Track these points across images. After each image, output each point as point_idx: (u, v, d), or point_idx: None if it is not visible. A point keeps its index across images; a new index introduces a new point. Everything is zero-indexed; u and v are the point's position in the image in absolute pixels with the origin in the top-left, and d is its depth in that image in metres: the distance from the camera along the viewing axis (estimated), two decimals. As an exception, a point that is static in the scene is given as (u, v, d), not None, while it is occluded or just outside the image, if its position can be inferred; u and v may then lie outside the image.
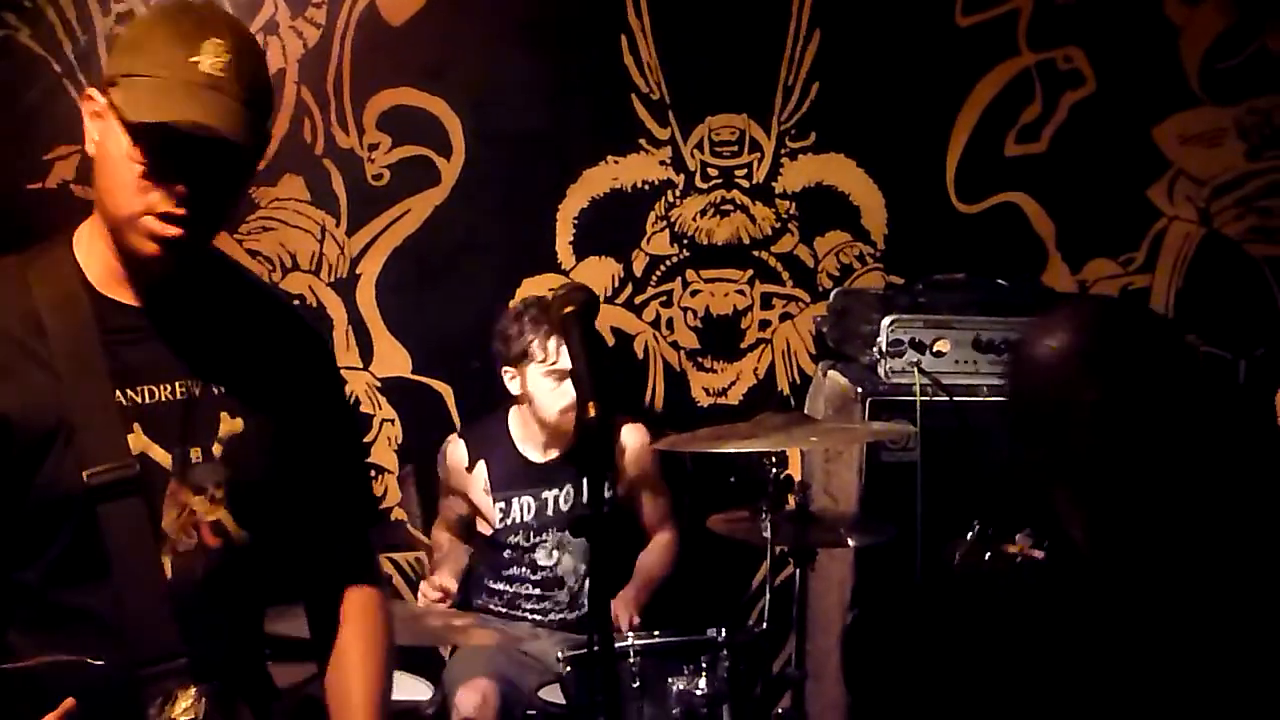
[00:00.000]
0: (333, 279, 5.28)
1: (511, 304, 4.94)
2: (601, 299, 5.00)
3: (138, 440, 2.46)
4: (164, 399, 2.48)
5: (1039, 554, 3.91)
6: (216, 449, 2.52)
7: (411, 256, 5.30)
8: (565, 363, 4.58)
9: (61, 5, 5.01)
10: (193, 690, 2.44)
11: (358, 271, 5.29)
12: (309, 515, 2.71)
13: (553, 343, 4.66)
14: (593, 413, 2.25)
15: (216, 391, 2.53)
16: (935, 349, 4.82)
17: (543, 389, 4.72)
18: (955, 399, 4.70)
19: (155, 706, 2.43)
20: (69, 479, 2.40)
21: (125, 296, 2.49)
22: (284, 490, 2.64)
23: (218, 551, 2.52)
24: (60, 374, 2.42)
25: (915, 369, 4.75)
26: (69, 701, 2.33)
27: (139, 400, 2.46)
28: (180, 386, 2.50)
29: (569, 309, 2.42)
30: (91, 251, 2.50)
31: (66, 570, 2.44)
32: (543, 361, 4.70)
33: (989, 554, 3.89)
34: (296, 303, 5.22)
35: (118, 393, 2.45)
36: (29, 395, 2.41)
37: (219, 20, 2.42)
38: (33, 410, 2.40)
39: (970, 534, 4.00)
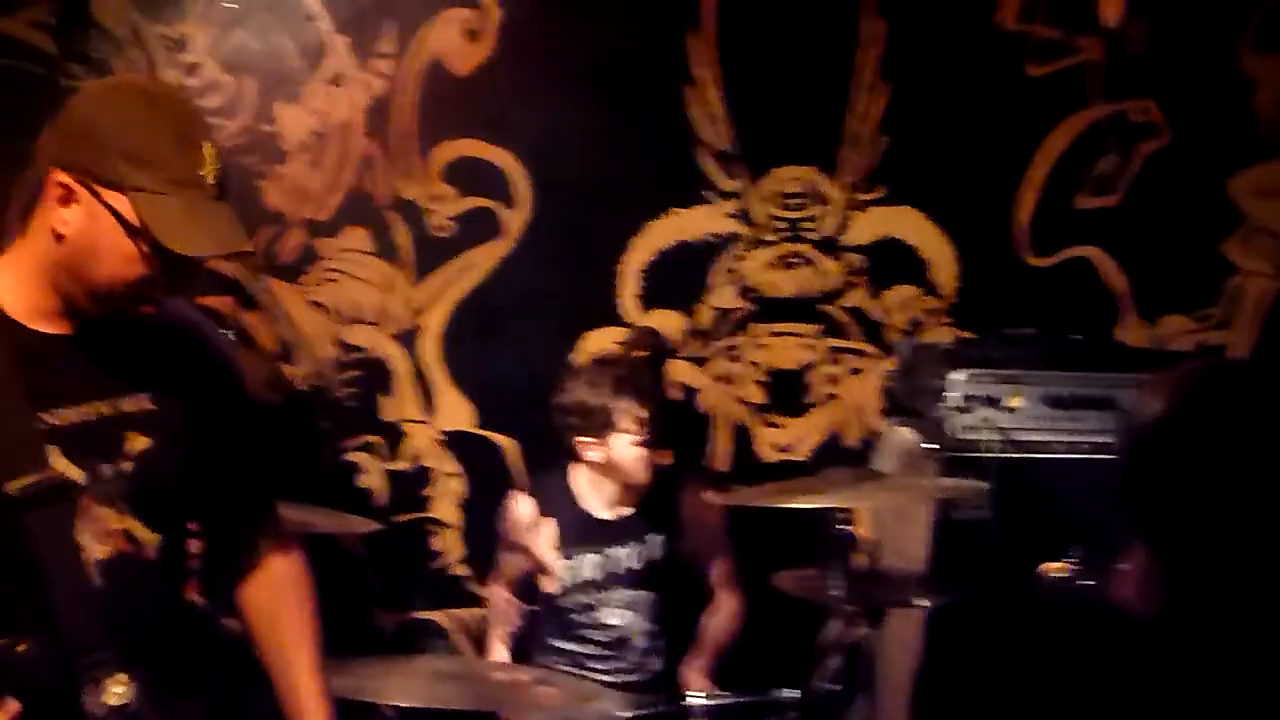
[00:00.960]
0: (396, 331, 5.34)
1: (579, 368, 4.93)
2: (665, 351, 5.05)
3: (56, 460, 2.64)
4: (76, 420, 2.66)
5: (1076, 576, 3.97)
6: (125, 465, 2.71)
7: (475, 309, 5.36)
8: (656, 428, 4.60)
9: (129, 57, 5.12)
10: (123, 676, 2.66)
11: (421, 324, 5.35)
12: (214, 514, 2.97)
13: (641, 410, 4.64)
14: (668, 460, 2.29)
15: (129, 410, 2.72)
16: (1007, 405, 4.82)
17: (630, 458, 4.70)
18: (1027, 456, 4.70)
19: (89, 693, 2.64)
20: None
21: (41, 326, 2.67)
22: (190, 496, 2.86)
23: (131, 555, 2.73)
24: None
25: (987, 425, 4.75)
26: (14, 705, 2.55)
27: (55, 423, 2.64)
28: (91, 408, 2.68)
29: (639, 354, 2.45)
30: (12, 284, 2.65)
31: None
32: (631, 431, 4.67)
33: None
34: (359, 355, 5.29)
35: (38, 415, 2.64)
36: None
37: (196, 114, 2.67)
38: None
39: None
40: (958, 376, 4.83)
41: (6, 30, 5.06)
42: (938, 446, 4.79)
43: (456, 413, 5.40)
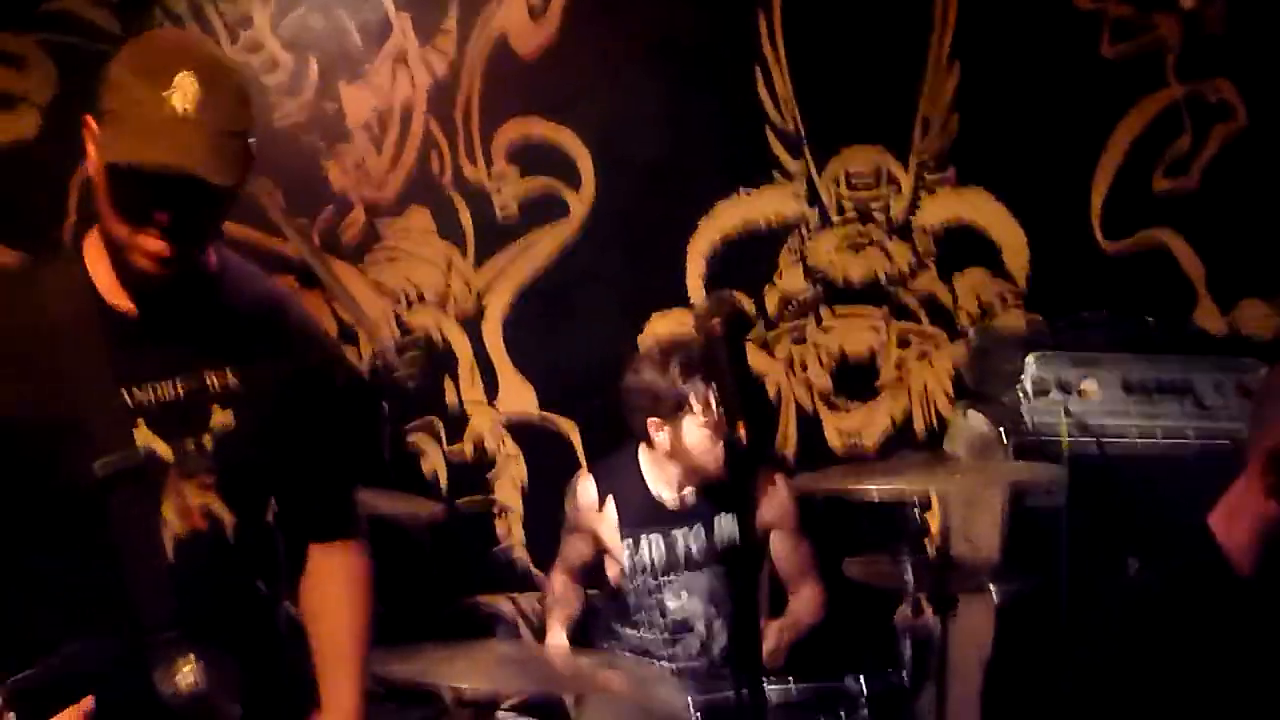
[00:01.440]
0: (459, 313, 5.34)
1: (645, 350, 4.89)
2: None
3: (142, 434, 2.69)
4: (163, 396, 2.72)
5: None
6: (208, 440, 2.75)
7: (539, 291, 5.36)
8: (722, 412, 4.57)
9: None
10: (191, 657, 2.69)
11: (484, 306, 5.35)
12: (295, 498, 3.01)
13: (712, 394, 4.57)
14: (741, 432, 2.25)
15: (210, 387, 2.76)
16: (1082, 390, 4.79)
17: (699, 440, 4.65)
18: (1103, 441, 4.66)
19: (160, 672, 2.68)
20: (80, 471, 2.64)
21: (125, 302, 2.72)
22: (272, 476, 2.91)
23: (207, 534, 2.77)
24: (68, 375, 2.66)
25: (1061, 410, 4.72)
26: (88, 701, 2.53)
27: (142, 399, 2.69)
28: (177, 383, 2.73)
29: (715, 321, 2.43)
30: (99, 260, 2.72)
31: (80, 553, 2.70)
32: (701, 413, 4.62)
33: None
34: (421, 337, 5.29)
35: (123, 391, 2.69)
36: (38, 395, 2.65)
37: (191, 52, 2.61)
38: (42, 409, 2.64)
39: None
40: (1030, 361, 4.80)
41: (69, 7, 5.06)
42: (1010, 432, 4.76)
43: (519, 396, 5.39)
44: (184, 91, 2.51)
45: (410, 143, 5.26)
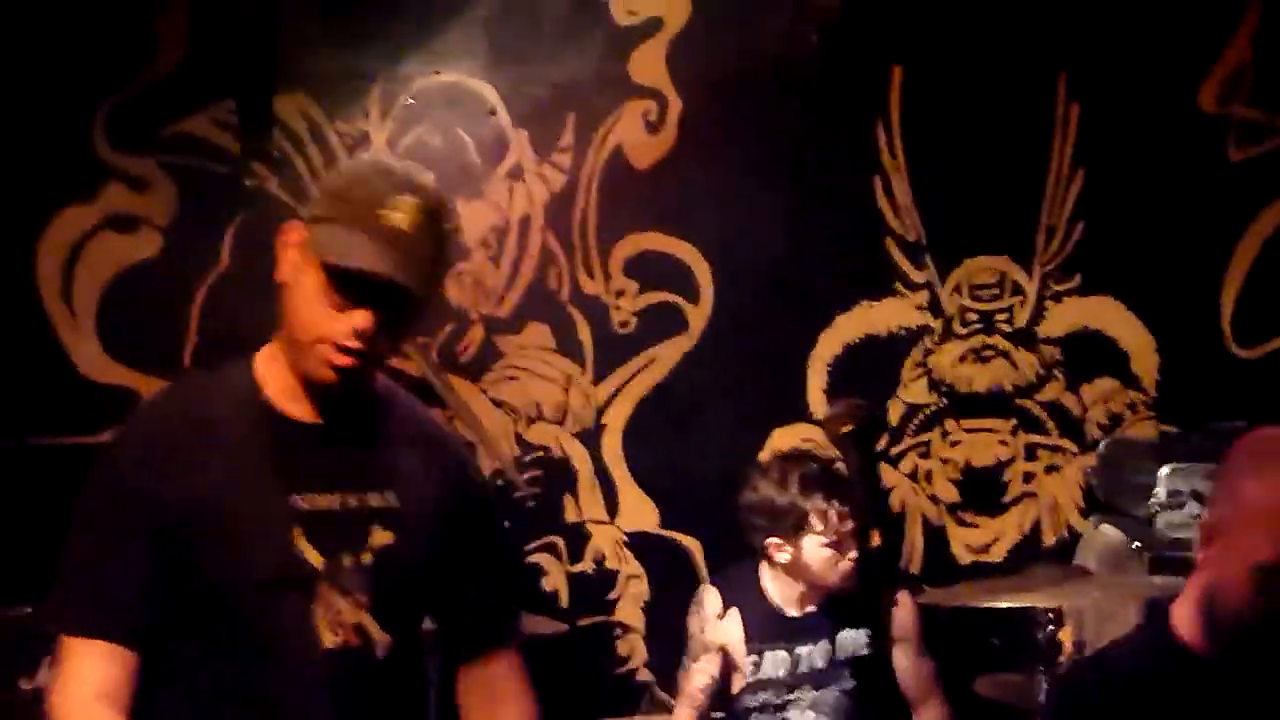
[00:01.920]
0: (578, 429, 5.35)
1: (765, 465, 4.80)
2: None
3: (299, 543, 2.72)
4: (324, 507, 2.75)
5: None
6: (367, 558, 2.77)
7: (659, 406, 5.36)
8: (846, 527, 4.54)
9: (309, 155, 5.20)
10: None
11: (603, 421, 5.36)
12: (452, 622, 3.02)
13: (833, 511, 4.55)
14: (876, 541, 2.24)
15: (374, 505, 2.80)
16: (1218, 501, 4.71)
17: (821, 559, 4.60)
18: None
19: None
20: (236, 574, 2.68)
21: (296, 412, 2.77)
22: (427, 600, 2.93)
23: (359, 651, 2.77)
24: (232, 477, 2.70)
25: (1196, 522, 4.64)
26: None
27: (301, 506, 2.73)
28: (340, 498, 2.77)
29: (848, 427, 2.41)
30: (270, 369, 2.78)
31: (230, 653, 2.71)
32: (822, 532, 4.59)
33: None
34: (541, 454, 5.31)
35: (289, 498, 2.73)
36: (198, 492, 2.69)
37: (414, 180, 2.70)
38: (201, 507, 2.68)
39: None
40: (1164, 472, 4.75)
41: (189, 129, 5.15)
42: (1144, 545, 4.70)
43: (640, 513, 5.38)
44: (405, 212, 2.62)
45: (528, 258, 5.30)
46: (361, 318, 2.63)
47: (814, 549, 4.59)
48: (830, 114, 5.35)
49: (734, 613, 4.75)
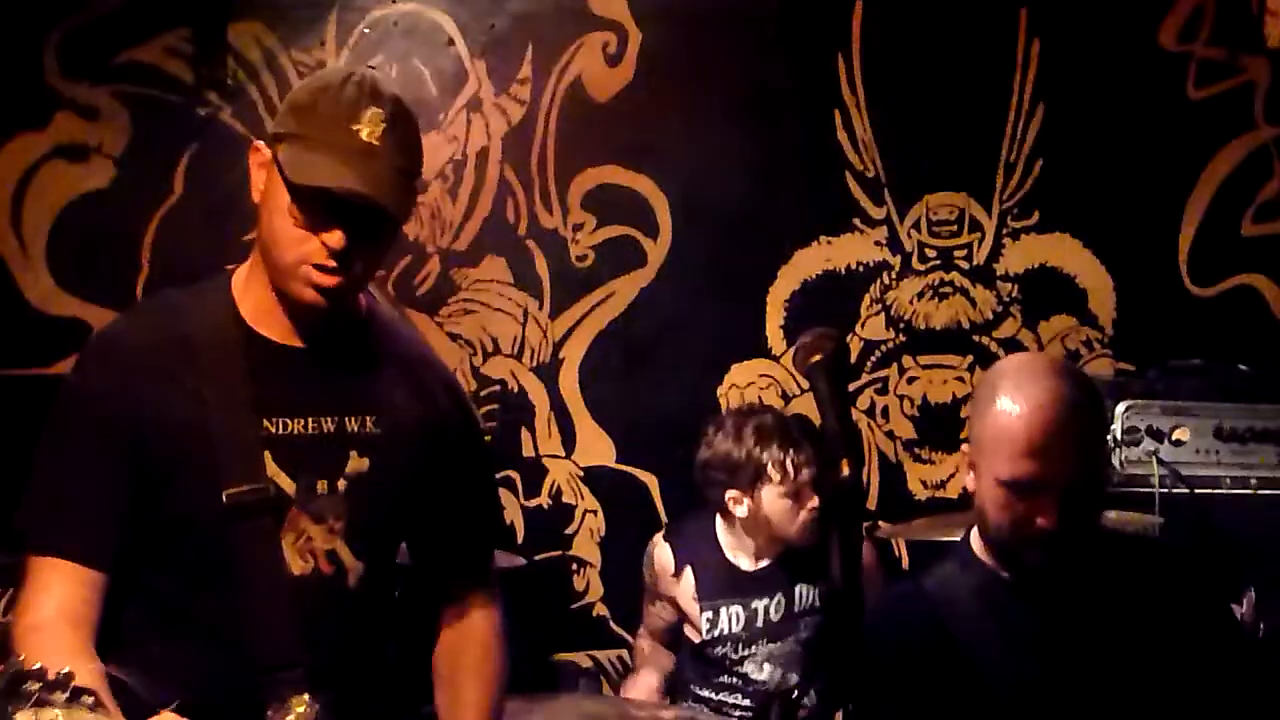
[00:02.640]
0: (535, 364, 5.37)
1: (720, 420, 4.79)
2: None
3: (269, 468, 2.73)
4: (297, 432, 2.76)
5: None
6: (341, 484, 2.78)
7: (616, 340, 5.38)
8: (804, 478, 4.58)
9: (263, 83, 5.18)
10: (307, 697, 2.70)
11: (560, 356, 5.38)
12: (428, 553, 3.04)
13: (791, 461, 4.57)
14: (846, 471, 2.26)
15: (349, 430, 2.80)
16: (1174, 438, 4.77)
17: (781, 510, 4.62)
18: (1196, 491, 4.64)
19: (273, 709, 2.69)
20: (206, 496, 2.68)
21: (274, 334, 2.78)
22: (403, 528, 2.95)
23: (330, 578, 2.79)
24: (205, 399, 2.71)
25: (1153, 459, 4.70)
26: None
27: (273, 430, 2.74)
28: (315, 422, 2.78)
29: (817, 357, 2.40)
30: (248, 291, 2.79)
31: (196, 578, 2.72)
32: (781, 482, 4.61)
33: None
34: (497, 388, 5.32)
35: (261, 422, 2.74)
36: (172, 413, 2.70)
37: (379, 91, 2.69)
38: (174, 427, 2.69)
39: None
40: (1120, 409, 4.79)
41: (143, 57, 5.12)
42: (1101, 481, 4.74)
43: (596, 447, 5.41)
44: (372, 126, 2.62)
45: (485, 191, 5.30)
46: (335, 237, 2.63)
47: (773, 500, 4.61)
48: (791, 47, 5.37)
49: (688, 571, 4.78)
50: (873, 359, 5.43)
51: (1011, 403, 2.87)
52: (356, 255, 2.67)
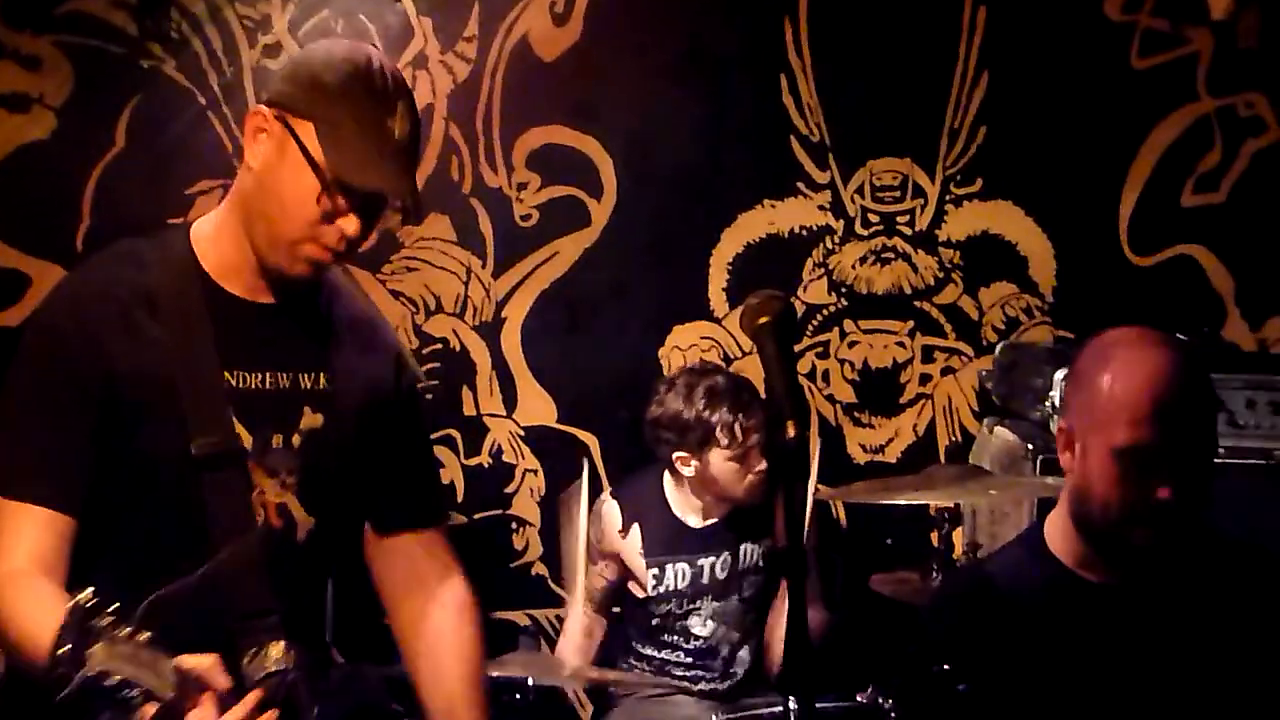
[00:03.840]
0: (477, 322, 5.41)
1: (671, 379, 4.85)
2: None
3: (230, 419, 2.78)
4: (255, 386, 2.81)
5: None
6: (296, 439, 2.85)
7: (559, 300, 5.42)
8: (751, 442, 4.63)
9: (208, 36, 5.20)
10: (282, 644, 2.76)
11: (503, 315, 5.42)
12: (383, 504, 3.08)
13: (739, 425, 4.62)
14: (791, 433, 2.28)
15: (304, 386, 2.87)
16: (1112, 405, 4.82)
17: (728, 472, 4.69)
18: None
19: (249, 656, 2.73)
20: (174, 446, 2.72)
21: (235, 288, 2.82)
22: (353, 484, 2.98)
23: (280, 532, 2.85)
24: (169, 349, 2.74)
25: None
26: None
27: (234, 384, 2.79)
28: (272, 377, 2.84)
29: (764, 319, 2.42)
30: (215, 244, 2.83)
31: (166, 530, 2.77)
32: (728, 446, 4.66)
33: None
34: (439, 346, 5.35)
35: (225, 375, 2.79)
36: (138, 361, 2.73)
37: (401, 82, 2.77)
38: (141, 377, 2.72)
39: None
40: (1058, 376, 4.85)
41: (85, 8, 5.13)
42: (1037, 447, 4.81)
43: (537, 407, 5.46)
44: (403, 123, 2.69)
45: (430, 149, 5.31)
46: (354, 226, 2.70)
47: (720, 463, 4.68)
48: (738, 10, 5.41)
49: (635, 528, 4.84)
50: (814, 323, 5.48)
51: (1129, 369, 2.84)
52: (361, 239, 2.76)
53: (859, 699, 3.58)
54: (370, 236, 2.81)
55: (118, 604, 2.14)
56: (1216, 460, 4.38)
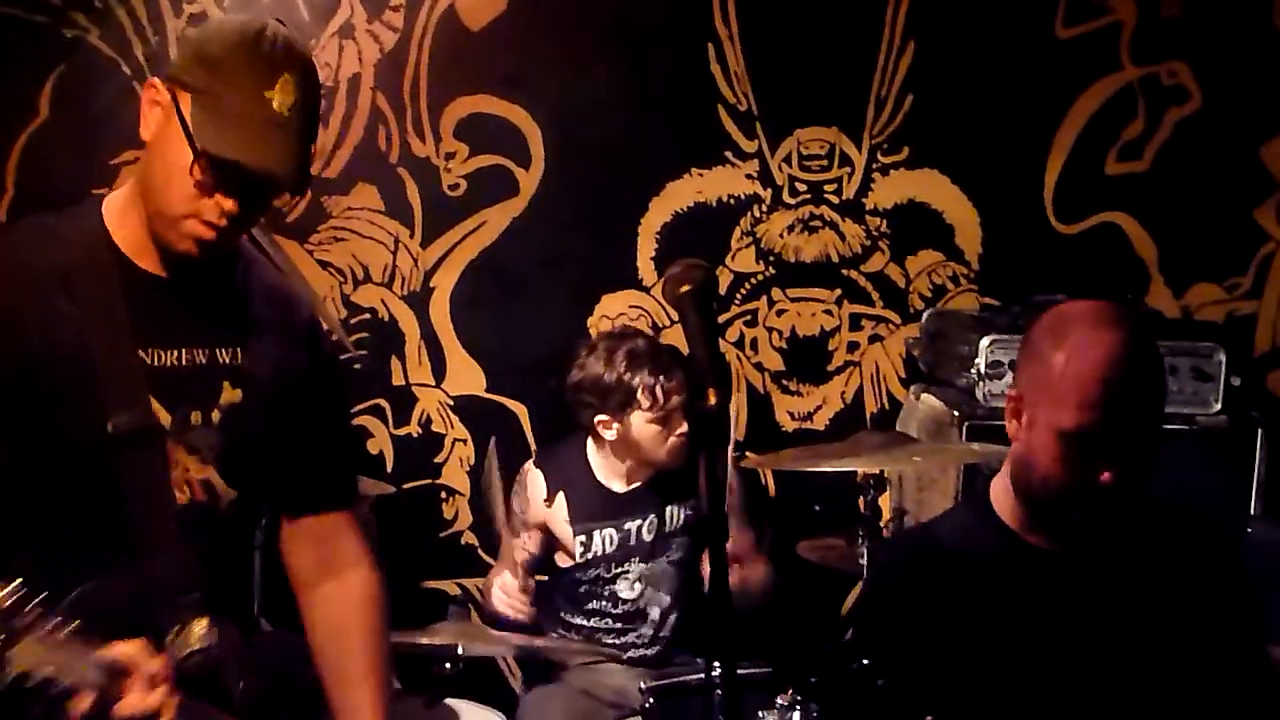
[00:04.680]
0: (405, 292, 5.43)
1: (592, 343, 4.88)
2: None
3: (147, 397, 2.77)
4: (171, 364, 2.79)
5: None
6: (215, 415, 2.84)
7: (487, 270, 5.45)
8: (673, 404, 4.67)
9: (132, 5, 5.19)
10: (205, 620, 2.79)
11: (431, 285, 5.44)
12: (293, 483, 3.08)
13: (660, 387, 4.67)
14: (713, 400, 2.32)
15: (222, 361, 2.85)
16: (1036, 372, 4.87)
17: (649, 435, 4.73)
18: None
19: (172, 635, 2.75)
20: (91, 426, 2.70)
21: (149, 264, 2.79)
22: (273, 457, 2.97)
23: (204, 506, 2.85)
24: (84, 327, 2.71)
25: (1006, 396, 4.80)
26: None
27: (149, 361, 2.77)
28: (188, 354, 2.82)
29: (686, 288, 2.45)
30: (124, 220, 2.79)
31: (86, 512, 2.76)
32: (650, 408, 4.69)
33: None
34: (368, 316, 5.36)
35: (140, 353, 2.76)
36: (53, 340, 2.70)
37: (293, 53, 2.71)
38: (56, 356, 2.69)
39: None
40: (984, 343, 4.90)
41: (9, -22, 5.11)
42: (963, 414, 4.86)
43: (466, 376, 5.48)
44: (284, 95, 2.64)
45: (357, 119, 5.32)
46: (231, 203, 2.66)
47: (642, 426, 4.72)
48: (666, -23, 5.43)
49: (560, 496, 4.87)
50: (742, 291, 5.52)
51: (1082, 351, 2.83)
52: (244, 217, 2.71)
53: (779, 700, 3.60)
54: (259, 213, 2.78)
55: (44, 594, 2.12)
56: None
